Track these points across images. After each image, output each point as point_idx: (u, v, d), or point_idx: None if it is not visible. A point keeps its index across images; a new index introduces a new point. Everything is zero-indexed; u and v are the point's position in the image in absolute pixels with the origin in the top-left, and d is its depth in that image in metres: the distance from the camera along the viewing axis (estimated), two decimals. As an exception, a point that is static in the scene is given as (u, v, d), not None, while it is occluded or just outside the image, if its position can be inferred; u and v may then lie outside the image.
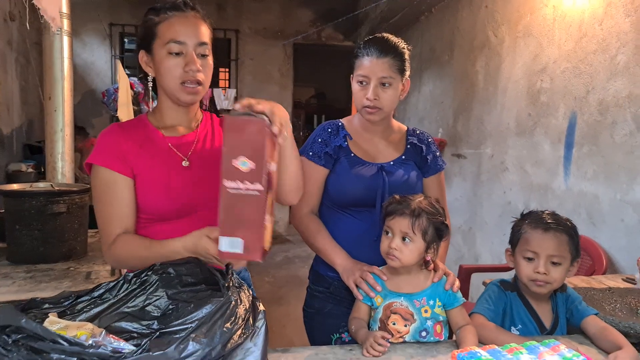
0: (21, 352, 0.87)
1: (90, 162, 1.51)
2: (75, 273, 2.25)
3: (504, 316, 1.69)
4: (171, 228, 1.51)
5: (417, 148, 1.99)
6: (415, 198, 1.62)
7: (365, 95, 1.81)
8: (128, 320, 1.24)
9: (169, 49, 1.47)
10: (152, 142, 1.56)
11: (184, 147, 1.59)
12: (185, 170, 1.55)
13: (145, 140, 1.55)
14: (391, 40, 1.84)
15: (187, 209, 1.53)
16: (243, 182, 1.16)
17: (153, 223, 1.53)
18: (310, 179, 1.90)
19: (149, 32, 1.51)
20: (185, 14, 1.51)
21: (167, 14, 1.50)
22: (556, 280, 1.61)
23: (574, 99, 3.29)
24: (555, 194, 3.46)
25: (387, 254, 1.60)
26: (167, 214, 1.52)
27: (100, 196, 1.51)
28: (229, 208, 1.17)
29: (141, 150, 1.53)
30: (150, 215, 1.52)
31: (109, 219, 1.50)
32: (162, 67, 1.50)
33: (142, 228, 1.54)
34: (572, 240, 1.61)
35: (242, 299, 1.04)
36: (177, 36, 1.47)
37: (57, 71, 3.07)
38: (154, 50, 1.51)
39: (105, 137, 1.54)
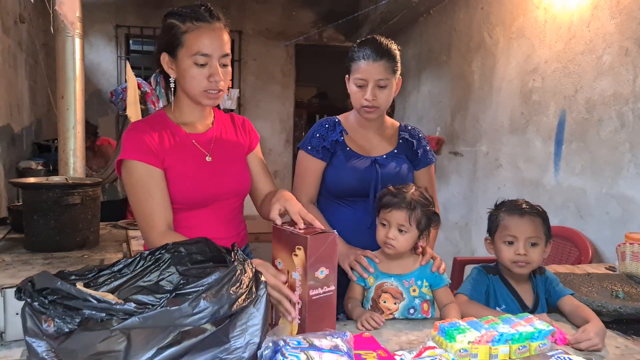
0: (57, 310, 1.01)
1: (123, 159, 1.63)
2: (89, 260, 2.40)
3: (488, 298, 1.84)
4: (196, 215, 1.72)
5: (408, 143, 2.14)
6: (408, 190, 1.77)
7: (364, 96, 1.96)
8: (144, 294, 1.38)
9: (195, 60, 1.59)
10: (176, 138, 1.71)
11: (206, 144, 1.76)
12: (208, 165, 1.73)
13: (170, 135, 1.71)
14: (384, 43, 1.98)
15: (211, 199, 1.72)
16: (322, 287, 1.40)
17: (179, 211, 1.70)
18: (308, 171, 2.06)
19: (175, 39, 1.61)
20: (212, 25, 1.62)
21: (194, 24, 1.59)
22: (535, 260, 1.76)
23: (563, 97, 3.44)
24: (546, 189, 3.60)
25: (384, 244, 1.75)
26: (195, 203, 1.71)
27: (139, 191, 1.62)
28: (312, 311, 1.39)
29: (168, 145, 1.68)
30: (178, 205, 1.68)
31: (152, 211, 1.61)
32: (188, 75, 1.63)
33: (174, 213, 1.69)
34: (545, 223, 1.78)
35: (246, 269, 1.19)
36: (203, 49, 1.59)
37: (69, 71, 3.22)
38: (178, 56, 1.62)
39: (132, 133, 1.67)
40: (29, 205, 2.49)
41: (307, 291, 1.37)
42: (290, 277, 1.42)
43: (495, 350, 1.32)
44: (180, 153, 1.69)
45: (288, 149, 8.04)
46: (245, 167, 1.86)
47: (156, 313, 0.99)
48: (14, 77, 5.25)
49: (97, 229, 2.69)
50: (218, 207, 1.76)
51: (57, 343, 1.01)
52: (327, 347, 1.11)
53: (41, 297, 1.04)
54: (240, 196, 1.84)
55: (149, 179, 1.62)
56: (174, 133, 1.72)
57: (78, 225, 2.54)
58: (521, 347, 1.34)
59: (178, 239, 1.51)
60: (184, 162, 1.68)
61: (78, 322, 1.01)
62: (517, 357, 1.31)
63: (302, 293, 1.39)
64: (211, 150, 1.76)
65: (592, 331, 1.51)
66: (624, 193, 2.91)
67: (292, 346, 1.10)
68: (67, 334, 1.01)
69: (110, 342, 0.99)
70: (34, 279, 1.08)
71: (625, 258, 2.20)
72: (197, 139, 1.75)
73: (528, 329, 1.37)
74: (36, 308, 1.03)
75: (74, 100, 3.23)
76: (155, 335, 1.01)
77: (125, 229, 3.15)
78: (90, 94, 7.35)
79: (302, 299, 1.39)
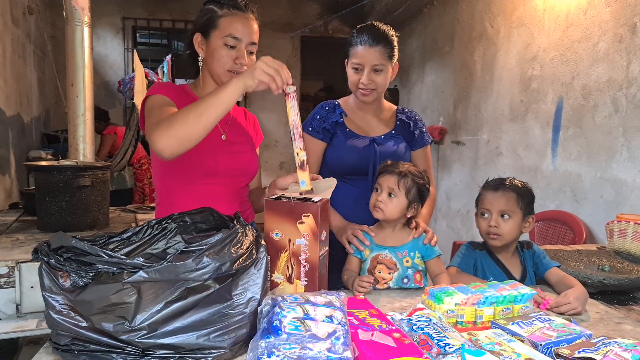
0: (72, 265, 1.11)
1: (147, 95, 1.75)
2: (99, 239, 2.50)
3: (476, 272, 1.93)
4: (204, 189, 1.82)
5: (405, 124, 2.23)
6: (405, 164, 1.88)
7: (360, 80, 2.05)
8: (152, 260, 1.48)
9: (225, 41, 1.74)
10: None
11: (223, 123, 1.87)
12: (223, 143, 1.85)
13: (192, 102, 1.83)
14: (381, 29, 2.07)
15: (221, 171, 1.83)
16: (324, 248, 1.58)
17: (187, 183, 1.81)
18: (310, 152, 2.15)
19: (210, 21, 1.77)
20: (246, 14, 1.79)
21: (231, 11, 1.76)
22: (506, 232, 1.86)
23: (561, 84, 3.51)
24: (544, 175, 3.68)
25: (373, 207, 1.85)
26: (204, 173, 1.81)
27: (153, 109, 1.68)
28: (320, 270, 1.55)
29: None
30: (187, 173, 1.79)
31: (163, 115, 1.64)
32: (216, 54, 1.77)
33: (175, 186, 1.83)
34: (520, 198, 1.87)
35: (247, 233, 1.28)
36: (235, 32, 1.74)
37: (79, 60, 3.32)
38: (211, 37, 1.77)
39: (159, 84, 1.81)
40: (41, 187, 2.59)
41: (318, 253, 1.50)
42: (294, 245, 1.52)
43: (480, 312, 1.41)
44: None
45: (294, 140, 8.09)
46: (254, 152, 1.99)
47: (162, 267, 1.08)
48: (23, 68, 5.35)
49: (106, 211, 2.80)
50: (228, 183, 1.87)
51: (73, 296, 1.10)
52: (322, 303, 1.20)
53: (57, 255, 1.14)
54: (248, 176, 1.95)
55: (166, 104, 1.70)
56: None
57: (89, 207, 2.64)
58: (505, 309, 1.43)
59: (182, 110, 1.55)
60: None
61: (92, 275, 1.10)
62: (501, 318, 1.40)
63: (311, 256, 1.51)
64: (227, 131, 1.88)
65: (572, 295, 1.59)
66: (617, 176, 2.98)
67: (289, 301, 1.19)
68: (82, 287, 1.10)
69: (122, 294, 1.08)
70: (49, 240, 1.18)
71: (613, 235, 2.27)
72: None
73: (512, 293, 1.46)
74: (52, 265, 1.13)
75: (83, 87, 3.33)
76: (163, 289, 1.10)
77: (134, 213, 3.25)
78: (98, 85, 7.44)
79: (311, 262, 1.51)
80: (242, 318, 1.18)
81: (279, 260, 1.56)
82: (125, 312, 1.08)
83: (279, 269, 1.56)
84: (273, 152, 7.94)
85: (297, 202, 1.55)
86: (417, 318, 1.30)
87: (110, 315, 1.08)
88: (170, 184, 1.84)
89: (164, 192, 1.88)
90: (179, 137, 1.49)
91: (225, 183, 1.86)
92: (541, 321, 1.35)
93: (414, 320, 1.28)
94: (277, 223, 1.56)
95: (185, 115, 1.50)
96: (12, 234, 2.54)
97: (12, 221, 2.82)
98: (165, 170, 1.84)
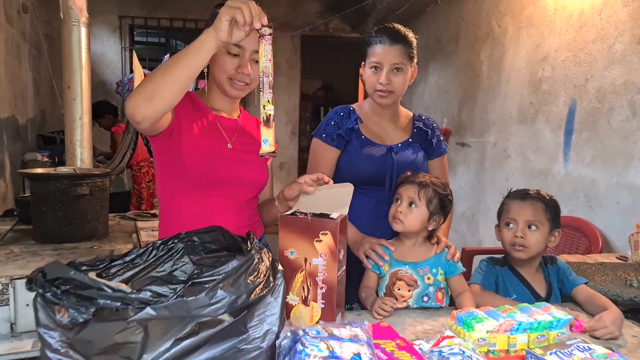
0: (71, 300, 0.99)
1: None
2: (99, 251, 2.39)
3: (498, 290, 1.83)
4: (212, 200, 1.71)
5: (422, 132, 2.12)
6: (425, 175, 1.80)
7: (379, 80, 1.96)
8: (158, 284, 1.36)
9: (228, 48, 1.63)
10: (203, 114, 1.74)
11: (230, 131, 1.77)
12: (229, 151, 1.74)
13: (197, 108, 1.73)
14: (401, 30, 1.99)
15: (228, 180, 1.72)
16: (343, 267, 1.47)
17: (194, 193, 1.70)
18: (323, 159, 2.05)
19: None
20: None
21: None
22: (533, 244, 1.76)
23: (573, 87, 3.40)
24: (556, 179, 3.58)
25: (393, 218, 1.76)
26: (207, 182, 1.70)
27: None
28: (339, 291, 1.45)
29: (193, 115, 1.70)
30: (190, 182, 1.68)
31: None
32: (218, 61, 1.67)
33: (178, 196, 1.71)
34: (548, 209, 1.78)
35: (263, 258, 1.17)
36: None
37: (76, 61, 3.20)
38: None
39: None
40: (37, 196, 2.47)
41: (336, 273, 1.40)
42: (310, 265, 1.42)
43: (514, 339, 1.30)
44: (204, 128, 1.71)
45: (294, 141, 8.02)
46: (264, 162, 1.88)
47: (172, 303, 0.97)
48: (18, 68, 5.23)
49: (105, 220, 2.68)
50: (234, 193, 1.76)
51: (72, 334, 0.99)
52: (347, 337, 1.09)
53: (53, 287, 1.02)
54: (257, 187, 1.84)
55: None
56: (202, 111, 1.75)
57: (87, 216, 2.53)
58: (540, 336, 1.33)
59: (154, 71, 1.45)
60: (204, 139, 1.69)
61: (93, 312, 0.99)
62: (536, 346, 1.29)
63: (329, 277, 1.40)
64: (234, 139, 1.77)
65: (608, 319, 1.49)
66: (635, 182, 2.87)
67: (312, 336, 1.08)
68: (81, 325, 0.99)
69: (127, 333, 0.97)
70: (45, 269, 1.06)
71: (638, 247, 2.17)
72: (223, 123, 1.77)
73: (546, 318, 1.35)
74: (48, 298, 1.01)
75: (80, 90, 3.20)
76: (172, 326, 0.99)
77: (134, 220, 3.14)
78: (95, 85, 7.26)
79: (328, 283, 1.41)
80: (259, 354, 1.07)
81: (294, 281, 1.45)
82: (130, 352, 0.96)
83: (293, 290, 1.45)
84: (273, 153, 7.79)
85: (314, 218, 1.44)
86: (449, 350, 1.19)
87: (113, 356, 0.97)
88: (173, 193, 1.73)
89: (166, 201, 1.77)
90: (147, 93, 1.37)
91: (231, 194, 1.75)
92: (581, 350, 1.24)
93: (445, 353, 1.17)
94: (293, 241, 1.45)
95: (154, 72, 1.40)
96: (7, 245, 2.42)
97: (7, 231, 2.70)
98: (167, 178, 1.74)
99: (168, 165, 1.71)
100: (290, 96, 7.92)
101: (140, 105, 1.37)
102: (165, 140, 1.65)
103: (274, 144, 1.44)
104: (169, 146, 1.66)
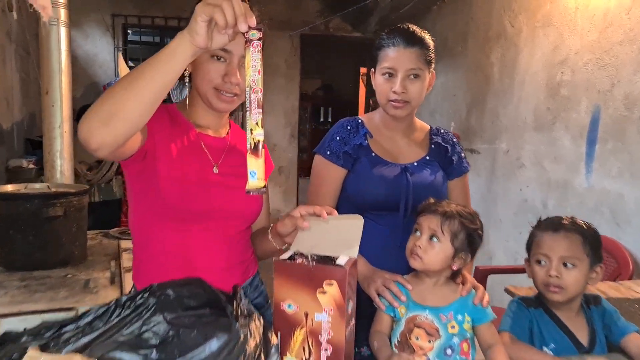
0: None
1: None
2: (72, 281, 2.12)
3: (532, 336, 1.57)
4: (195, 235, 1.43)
5: (441, 148, 1.86)
6: (451, 203, 1.53)
7: (392, 88, 1.69)
8: (123, 350, 1.09)
9: (213, 52, 1.35)
10: (184, 132, 1.45)
11: (216, 152, 1.49)
12: (215, 177, 1.46)
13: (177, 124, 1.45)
14: (417, 30, 1.73)
15: (214, 212, 1.44)
16: (351, 322, 1.20)
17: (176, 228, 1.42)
18: (327, 180, 1.78)
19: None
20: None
21: None
22: (571, 284, 1.50)
23: (597, 92, 3.13)
24: (576, 192, 3.30)
25: (410, 253, 1.49)
26: (194, 214, 1.42)
27: None
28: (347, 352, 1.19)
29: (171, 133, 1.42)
30: (169, 214, 1.40)
31: None
32: (202, 69, 1.39)
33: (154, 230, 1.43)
34: (587, 242, 1.51)
35: (252, 330, 0.91)
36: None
37: (55, 64, 2.92)
38: None
39: None
40: (3, 218, 2.20)
41: (344, 332, 1.14)
42: (312, 321, 1.15)
43: None
44: (185, 151, 1.42)
45: (293, 143, 7.75)
46: None
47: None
48: (2, 70, 4.96)
49: (83, 241, 2.41)
50: (221, 227, 1.47)
51: None
52: None
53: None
54: (248, 219, 1.56)
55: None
56: (183, 128, 1.46)
57: (61, 240, 2.26)
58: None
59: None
60: (185, 163, 1.41)
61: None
62: None
63: (335, 336, 1.14)
64: (221, 162, 1.49)
65: None
66: (671, 200, 2.61)
67: None
68: None
69: None
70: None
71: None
72: (208, 143, 1.49)
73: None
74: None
75: (59, 96, 2.93)
76: None
77: (117, 239, 2.86)
78: (87, 86, 7.06)
79: (334, 343, 1.15)
80: None
81: (293, 340, 1.18)
82: None
83: (292, 351, 1.19)
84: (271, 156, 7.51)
85: (317, 265, 1.17)
86: None
87: None
88: (148, 226, 1.45)
89: (140, 235, 1.49)
90: (103, 114, 1.06)
91: (217, 227, 1.47)
92: None
93: None
94: (290, 291, 1.18)
95: (113, 87, 1.10)
96: (-30, 273, 2.16)
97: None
98: (141, 209, 1.45)
99: (142, 194, 1.42)
100: (288, 97, 7.65)
101: (96, 130, 1.07)
102: (137, 164, 1.36)
103: (263, 177, 1.14)
104: (142, 171, 1.37)
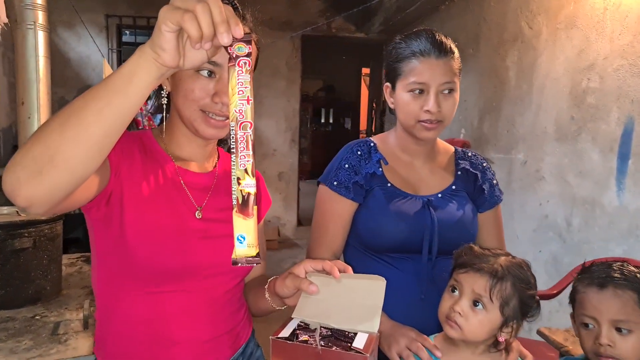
0: None
1: None
2: (40, 325, 1.83)
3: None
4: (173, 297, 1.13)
5: (470, 175, 1.57)
6: (500, 254, 1.22)
7: (424, 107, 1.41)
8: None
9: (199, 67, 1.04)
10: (160, 166, 1.15)
11: (199, 193, 1.19)
12: (197, 224, 1.16)
13: (151, 157, 1.15)
14: (442, 36, 1.47)
15: (187, 275, 1.13)
16: None
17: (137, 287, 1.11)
18: (334, 216, 1.48)
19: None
20: None
21: None
22: (627, 353, 1.19)
23: (630, 101, 2.83)
24: (606, 211, 3.01)
25: (446, 317, 1.20)
26: (164, 274, 1.11)
27: None
28: None
29: (143, 169, 1.12)
30: (138, 273, 1.09)
31: None
32: (184, 86, 1.09)
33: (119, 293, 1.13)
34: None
35: None
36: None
37: (31, 72, 2.62)
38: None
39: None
40: (-37, 252, 1.92)
41: None
42: None
43: None
44: (160, 192, 1.12)
45: (294, 148, 7.46)
46: None
47: None
48: (-13, 74, 4.68)
49: (56, 275, 2.12)
50: (204, 287, 1.17)
51: None
52: None
53: None
54: (239, 274, 1.24)
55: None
56: (158, 161, 1.16)
57: (29, 275, 1.98)
58: None
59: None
60: (161, 208, 1.10)
61: None
62: None
63: None
64: (205, 204, 1.19)
65: None
66: None
67: None
68: None
69: None
70: None
71: None
72: (190, 180, 1.19)
73: None
74: None
75: (37, 106, 2.63)
76: None
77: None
78: (80, 89, 6.78)
79: None
80: None
81: None
82: None
83: None
84: (271, 162, 7.28)
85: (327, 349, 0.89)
86: None
87: None
88: (112, 289, 1.13)
89: (103, 300, 1.17)
90: (32, 162, 0.76)
91: (198, 288, 1.16)
92: None
93: None
94: None
95: (45, 124, 0.79)
96: None
97: None
98: (105, 267, 1.14)
99: (105, 248, 1.11)
100: (290, 100, 7.35)
101: (24, 182, 0.76)
102: (99, 210, 1.06)
103: (256, 243, 0.83)
104: (106, 219, 1.07)
